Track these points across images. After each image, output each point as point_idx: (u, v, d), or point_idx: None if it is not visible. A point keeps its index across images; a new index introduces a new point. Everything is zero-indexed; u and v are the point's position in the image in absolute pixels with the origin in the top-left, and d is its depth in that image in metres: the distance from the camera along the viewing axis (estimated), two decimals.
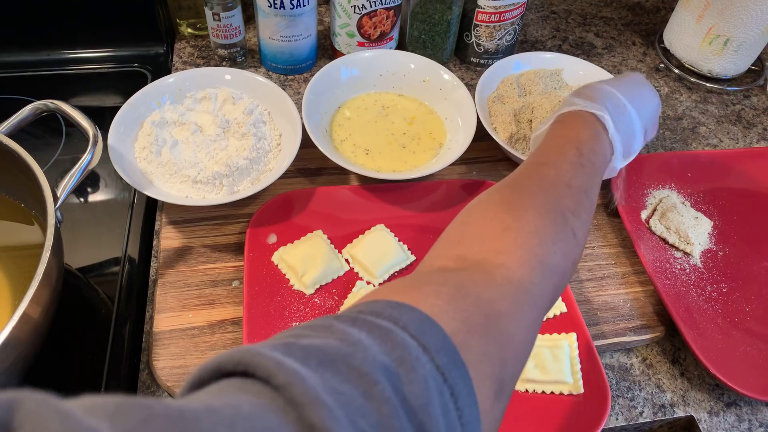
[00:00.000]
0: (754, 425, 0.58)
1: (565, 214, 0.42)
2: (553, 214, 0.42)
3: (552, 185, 0.44)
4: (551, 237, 0.40)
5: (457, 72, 0.91)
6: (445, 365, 0.28)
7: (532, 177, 0.46)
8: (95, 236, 0.66)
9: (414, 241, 0.66)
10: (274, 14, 0.79)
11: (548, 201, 0.43)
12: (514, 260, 0.37)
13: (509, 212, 0.41)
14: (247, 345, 0.26)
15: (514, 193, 0.43)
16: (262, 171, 0.67)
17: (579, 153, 0.48)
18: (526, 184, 0.44)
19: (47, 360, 0.53)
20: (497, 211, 0.41)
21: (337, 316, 0.29)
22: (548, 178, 0.45)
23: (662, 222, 0.70)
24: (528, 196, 0.43)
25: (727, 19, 0.85)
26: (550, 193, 0.43)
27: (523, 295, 0.36)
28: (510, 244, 0.38)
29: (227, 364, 0.25)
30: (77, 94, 0.82)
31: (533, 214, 0.41)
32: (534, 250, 0.39)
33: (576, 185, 0.45)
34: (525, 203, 0.42)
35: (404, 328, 0.28)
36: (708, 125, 0.88)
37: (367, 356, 0.26)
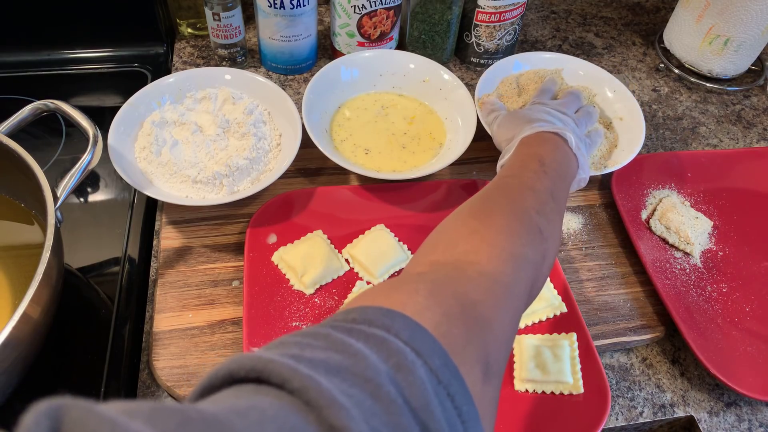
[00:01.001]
0: (754, 425, 0.58)
1: (530, 212, 0.45)
2: (517, 213, 0.45)
3: (516, 190, 0.48)
4: (517, 232, 0.43)
5: (457, 72, 0.91)
6: (438, 367, 0.29)
7: (497, 187, 0.49)
8: (95, 236, 0.66)
9: (414, 241, 0.66)
10: (274, 14, 0.79)
11: (512, 203, 0.46)
12: (484, 256, 0.40)
13: (476, 217, 0.44)
14: (254, 352, 0.26)
15: (480, 202, 0.47)
16: (262, 171, 0.67)
17: (542, 163, 0.51)
18: (491, 194, 0.48)
19: (47, 360, 0.53)
20: (465, 218, 0.44)
21: (333, 325, 0.30)
22: (512, 186, 0.49)
23: (662, 222, 0.70)
24: (493, 203, 0.46)
25: (727, 19, 0.85)
26: (514, 197, 0.47)
27: (495, 284, 0.38)
28: (478, 243, 0.41)
29: (239, 370, 0.25)
30: (77, 94, 0.82)
31: (498, 215, 0.44)
32: (502, 245, 0.41)
33: (540, 188, 0.48)
34: (491, 208, 0.45)
35: (397, 335, 0.29)
36: (708, 125, 0.88)
37: (369, 364, 0.27)
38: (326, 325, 0.30)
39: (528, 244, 0.43)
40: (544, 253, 0.44)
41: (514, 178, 0.50)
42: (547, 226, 0.45)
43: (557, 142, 0.55)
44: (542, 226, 0.45)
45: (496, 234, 0.42)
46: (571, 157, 0.56)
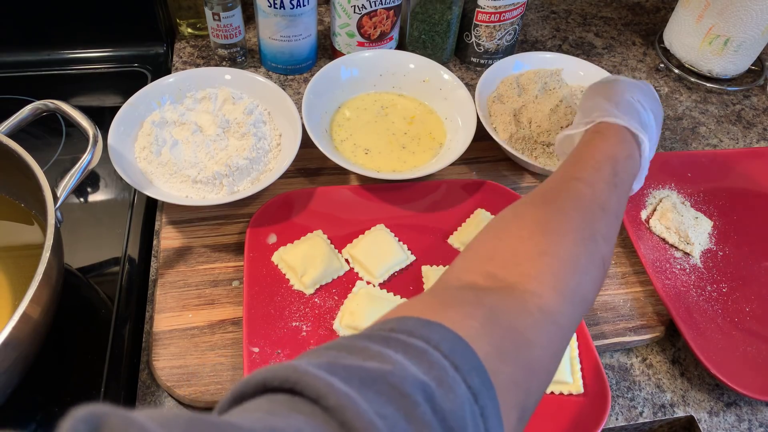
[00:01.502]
0: (754, 425, 0.58)
1: (598, 240, 0.42)
2: (587, 241, 0.41)
3: (588, 207, 0.44)
4: (584, 267, 0.40)
5: (457, 72, 0.91)
6: (476, 386, 0.28)
7: (568, 194, 0.44)
8: (95, 236, 0.66)
9: (414, 241, 0.66)
10: (274, 14, 0.79)
11: (584, 225, 0.42)
12: (547, 289, 0.37)
13: (545, 235, 0.40)
14: (290, 362, 0.26)
15: (550, 212, 0.42)
16: (262, 171, 0.67)
17: (614, 172, 0.47)
18: (562, 204, 0.43)
19: (47, 360, 0.53)
20: (533, 232, 0.41)
21: (369, 336, 0.29)
22: (584, 198, 0.44)
23: (662, 222, 0.70)
24: (565, 219, 0.42)
25: (727, 19, 0.85)
26: (586, 216, 0.43)
27: (553, 325, 0.36)
28: (544, 270, 0.38)
29: (273, 380, 0.25)
30: (77, 94, 0.82)
31: (570, 240, 0.40)
32: (567, 279, 0.38)
33: (609, 208, 0.45)
34: (562, 227, 0.41)
35: (437, 347, 0.28)
36: (708, 125, 0.88)
37: (407, 375, 0.26)
38: (363, 336, 0.29)
39: (591, 281, 0.40)
40: (600, 285, 0.42)
41: (587, 186, 0.45)
42: (609, 254, 0.43)
43: (633, 147, 0.51)
44: (606, 256, 0.42)
45: (564, 265, 0.39)
46: (637, 168, 0.52)
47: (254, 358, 0.55)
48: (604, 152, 0.49)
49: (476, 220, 0.67)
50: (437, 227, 0.68)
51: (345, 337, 0.30)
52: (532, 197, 0.45)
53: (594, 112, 0.54)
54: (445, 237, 0.67)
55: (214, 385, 0.54)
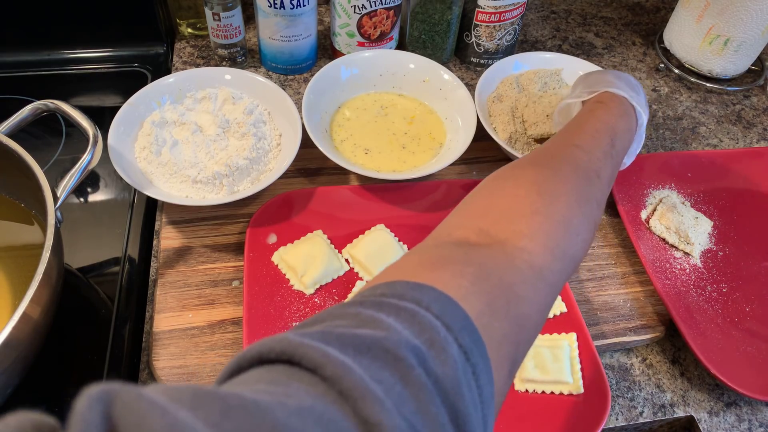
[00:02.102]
0: (754, 425, 0.58)
1: (591, 203, 0.43)
2: (581, 203, 0.42)
3: (584, 172, 0.45)
4: (576, 228, 0.41)
5: (457, 72, 0.91)
6: (467, 344, 0.29)
7: (565, 159, 0.45)
8: (95, 236, 0.66)
9: (414, 241, 0.66)
10: (274, 14, 0.79)
11: (579, 189, 0.43)
12: (538, 246, 0.38)
13: (540, 195, 0.41)
14: (285, 333, 0.26)
15: (547, 174, 0.43)
16: (262, 171, 0.67)
17: (612, 143, 0.49)
18: (559, 167, 0.44)
19: (47, 360, 0.53)
20: (528, 191, 0.41)
21: (361, 302, 0.30)
22: (581, 164, 0.45)
23: (662, 222, 0.70)
24: (561, 181, 0.43)
25: (727, 19, 0.85)
26: (581, 181, 0.44)
27: (542, 281, 0.37)
28: (536, 229, 0.39)
29: (269, 353, 0.25)
30: (77, 94, 0.82)
31: (564, 201, 0.41)
32: (558, 239, 0.39)
33: (604, 176, 0.46)
34: (558, 188, 0.42)
35: (428, 308, 0.29)
36: (708, 125, 0.88)
37: (401, 339, 0.26)
38: (355, 302, 0.30)
39: (581, 241, 0.41)
40: (588, 247, 0.43)
41: (585, 153, 0.46)
42: (599, 218, 0.44)
43: (632, 119, 0.53)
44: (597, 220, 0.43)
45: (557, 225, 0.40)
46: (631, 142, 0.54)
47: None
48: (605, 122, 0.50)
49: None
50: None
51: (337, 305, 0.30)
52: (529, 159, 0.46)
53: (598, 84, 0.55)
54: None
55: None
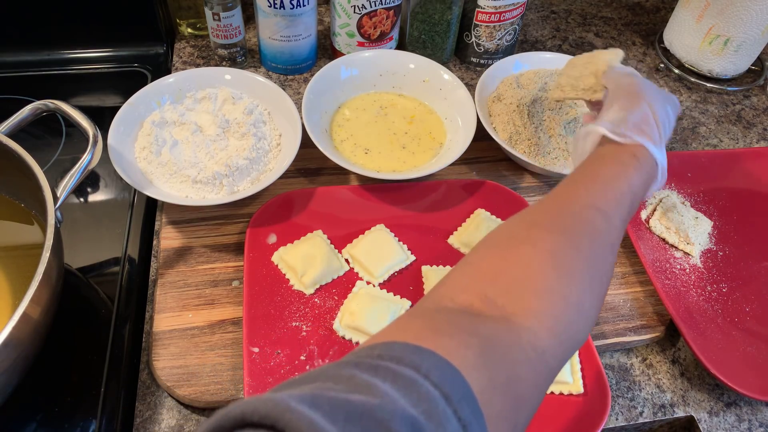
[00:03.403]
0: (754, 425, 0.58)
1: (603, 281, 0.41)
2: (594, 283, 0.40)
3: (601, 247, 0.42)
4: (587, 311, 0.39)
5: (457, 72, 0.91)
6: (467, 417, 0.28)
7: (585, 228, 0.42)
8: (95, 236, 0.66)
9: (414, 241, 0.66)
10: (274, 14, 0.79)
11: (595, 266, 0.41)
12: (545, 329, 0.36)
13: (556, 269, 0.38)
14: (271, 393, 0.25)
15: (564, 245, 0.40)
16: (262, 171, 0.67)
17: (631, 207, 0.46)
18: (578, 238, 0.41)
19: (47, 360, 0.53)
20: (543, 263, 0.38)
21: (357, 363, 0.28)
22: (600, 235, 0.42)
23: (662, 222, 0.70)
24: (578, 257, 0.40)
25: (727, 19, 0.85)
26: (598, 258, 0.41)
27: (543, 365, 0.35)
28: (547, 309, 0.36)
29: (253, 414, 0.24)
30: (77, 94, 0.82)
31: (578, 281, 0.39)
32: (567, 323, 0.37)
33: (617, 247, 0.43)
34: (574, 265, 0.39)
35: (426, 376, 0.28)
36: (708, 125, 0.88)
37: (396, 410, 0.25)
38: (350, 363, 0.28)
39: (589, 324, 0.39)
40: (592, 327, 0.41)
41: (606, 221, 0.43)
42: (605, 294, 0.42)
43: (651, 172, 0.48)
44: (604, 298, 0.41)
45: (568, 308, 0.37)
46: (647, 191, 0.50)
47: (254, 358, 0.55)
48: (629, 183, 0.46)
49: (476, 220, 0.67)
50: (437, 227, 0.68)
51: (332, 364, 0.29)
52: (546, 217, 0.42)
53: (626, 124, 0.50)
54: (445, 237, 0.67)
55: (214, 385, 0.55)
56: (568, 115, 0.77)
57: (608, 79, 0.58)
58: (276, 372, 0.54)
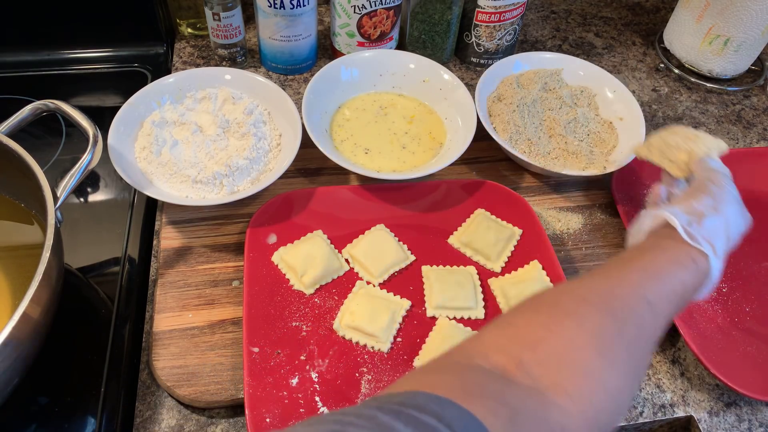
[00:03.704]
0: (754, 425, 0.58)
1: (640, 374, 0.41)
2: (631, 376, 0.39)
3: (646, 340, 0.41)
4: (622, 405, 0.38)
5: (457, 72, 0.91)
6: None
7: (633, 316, 0.41)
8: (95, 236, 0.66)
9: (414, 241, 0.66)
10: (274, 14, 0.79)
11: (637, 359, 0.40)
12: (577, 413, 0.35)
13: (598, 352, 0.37)
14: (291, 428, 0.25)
15: (611, 330, 0.39)
16: (262, 171, 0.67)
17: (678, 307, 0.45)
18: (625, 325, 0.40)
19: (47, 360, 0.53)
20: (587, 343, 0.37)
21: (379, 407, 0.28)
22: (646, 328, 0.41)
23: None
24: (623, 345, 0.39)
25: (727, 19, 0.85)
26: (641, 350, 0.41)
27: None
28: (583, 393, 0.35)
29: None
30: (77, 94, 0.82)
31: (619, 371, 0.38)
32: (600, 412, 0.36)
33: (659, 339, 0.43)
34: (618, 354, 0.38)
35: (449, 425, 0.28)
36: (708, 125, 0.88)
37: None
38: (370, 405, 0.28)
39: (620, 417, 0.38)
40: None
41: (653, 316, 0.42)
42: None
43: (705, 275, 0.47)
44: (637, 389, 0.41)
45: (605, 396, 0.36)
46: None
47: (254, 357, 0.55)
48: (683, 285, 0.45)
49: (476, 220, 0.67)
50: (437, 227, 0.68)
51: (351, 407, 0.29)
52: (596, 295, 0.41)
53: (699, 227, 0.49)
54: (445, 237, 0.67)
55: (214, 385, 0.55)
56: (568, 115, 0.77)
57: (700, 167, 0.56)
58: (276, 372, 0.54)
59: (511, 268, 0.65)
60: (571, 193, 0.75)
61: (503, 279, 0.64)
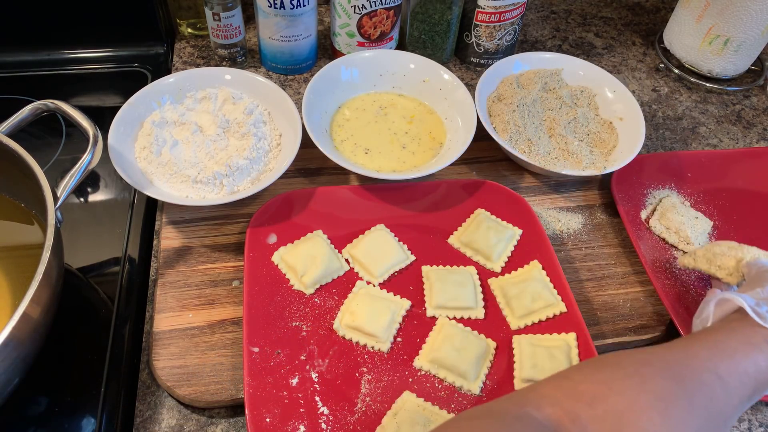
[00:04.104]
0: (754, 425, 0.58)
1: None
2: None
3: (715, 415, 0.39)
4: None
5: (457, 72, 0.91)
6: None
7: (702, 387, 0.39)
8: (95, 236, 0.66)
9: (414, 241, 0.66)
10: (274, 14, 0.79)
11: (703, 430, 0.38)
12: None
13: (663, 417, 0.35)
14: None
15: (677, 395, 0.37)
16: (262, 171, 0.67)
17: (753, 393, 0.42)
18: (693, 393, 0.38)
19: (47, 360, 0.53)
20: (651, 405, 0.36)
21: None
22: (715, 401, 0.39)
23: (662, 222, 0.70)
24: (690, 413, 0.37)
25: (727, 19, 0.85)
26: (710, 423, 0.38)
27: None
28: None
29: None
30: (77, 94, 0.82)
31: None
32: None
33: (731, 425, 0.40)
34: (684, 421, 0.36)
35: None
36: (708, 125, 0.88)
37: None
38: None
39: None
40: None
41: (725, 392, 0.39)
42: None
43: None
44: None
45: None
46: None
47: (254, 358, 0.55)
48: (757, 366, 0.42)
49: (476, 220, 0.67)
50: (437, 227, 0.68)
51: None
52: (660, 361, 0.40)
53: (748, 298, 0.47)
54: (445, 237, 0.67)
55: (214, 385, 0.55)
56: (568, 115, 0.77)
57: (750, 267, 0.56)
58: (276, 372, 0.54)
59: (511, 268, 0.65)
60: (571, 193, 0.75)
61: (503, 279, 0.64)
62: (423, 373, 0.56)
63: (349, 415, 0.53)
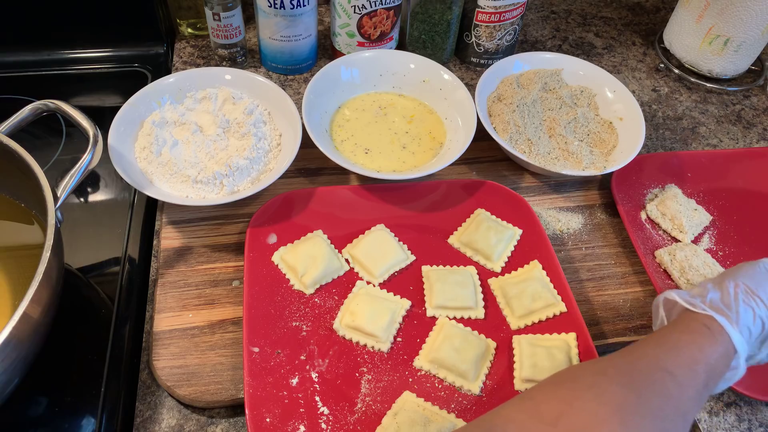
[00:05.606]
0: (754, 425, 0.58)
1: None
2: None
3: (673, 412, 0.40)
4: None
5: (457, 72, 0.91)
6: None
7: (656, 388, 0.40)
8: (95, 236, 0.66)
9: (414, 241, 0.66)
10: (274, 14, 0.79)
11: (668, 428, 0.39)
12: None
13: (623, 426, 0.37)
14: None
15: (633, 403, 0.38)
16: (262, 171, 0.67)
17: (708, 379, 0.44)
18: (649, 397, 0.40)
19: (48, 360, 0.53)
20: (610, 416, 0.37)
21: None
22: (671, 400, 0.40)
23: (659, 208, 0.70)
24: (647, 417, 0.38)
25: (727, 19, 0.85)
26: (668, 422, 0.40)
27: None
28: None
29: None
30: (77, 94, 0.82)
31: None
32: None
33: (690, 419, 0.42)
34: (643, 426, 0.38)
35: None
36: (708, 125, 0.88)
37: None
38: None
39: None
40: None
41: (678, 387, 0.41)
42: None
43: (729, 355, 0.46)
44: None
45: None
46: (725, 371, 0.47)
47: (254, 357, 0.55)
48: (702, 352, 0.44)
49: (476, 220, 0.67)
50: (437, 227, 0.68)
51: None
52: (616, 368, 0.41)
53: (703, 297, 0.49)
54: (445, 237, 0.67)
55: (214, 385, 0.55)
56: (568, 115, 0.77)
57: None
58: (276, 372, 0.54)
59: (511, 268, 0.65)
60: (571, 193, 0.75)
61: (503, 279, 0.64)
62: (423, 373, 0.56)
63: (349, 415, 0.53)
